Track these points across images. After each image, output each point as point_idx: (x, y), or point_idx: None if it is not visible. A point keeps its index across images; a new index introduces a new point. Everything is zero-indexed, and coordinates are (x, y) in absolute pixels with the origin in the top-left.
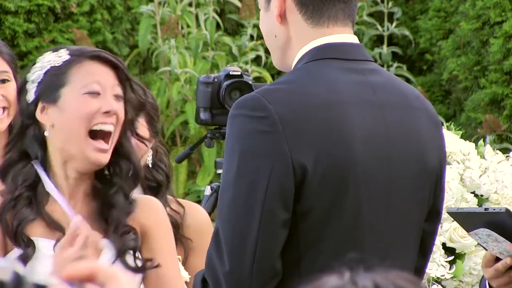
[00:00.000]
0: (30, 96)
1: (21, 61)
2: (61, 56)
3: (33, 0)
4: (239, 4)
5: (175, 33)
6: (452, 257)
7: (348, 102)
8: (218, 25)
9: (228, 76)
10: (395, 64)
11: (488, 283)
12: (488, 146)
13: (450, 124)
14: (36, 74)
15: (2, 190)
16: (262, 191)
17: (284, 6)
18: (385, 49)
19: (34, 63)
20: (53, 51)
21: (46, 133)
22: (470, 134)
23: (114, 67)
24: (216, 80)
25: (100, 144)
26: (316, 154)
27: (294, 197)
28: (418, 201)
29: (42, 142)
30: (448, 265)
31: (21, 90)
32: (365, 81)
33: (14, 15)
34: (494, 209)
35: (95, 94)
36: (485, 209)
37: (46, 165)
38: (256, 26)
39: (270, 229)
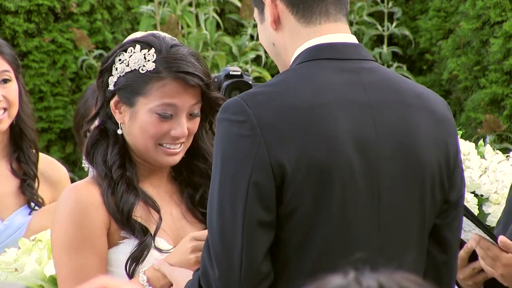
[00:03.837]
0: (111, 83)
1: (21, 61)
2: (148, 61)
3: (33, 0)
4: (239, 4)
5: (175, 33)
6: None
7: (335, 103)
8: (218, 25)
9: (228, 76)
10: (395, 64)
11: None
12: (488, 146)
13: None
14: (121, 66)
15: (95, 176)
16: (243, 196)
17: (276, 11)
18: (385, 49)
19: (125, 48)
20: (142, 48)
21: (118, 131)
22: (470, 134)
23: (199, 85)
24: (216, 80)
25: (171, 148)
26: (297, 156)
27: (277, 199)
28: (415, 199)
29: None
30: None
31: (106, 69)
32: (357, 80)
33: (14, 15)
34: None
35: (166, 116)
36: None
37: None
38: (256, 25)
39: (254, 233)
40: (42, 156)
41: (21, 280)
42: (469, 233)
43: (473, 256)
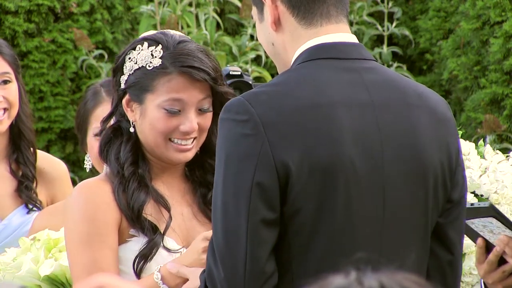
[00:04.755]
0: (122, 81)
1: (21, 61)
2: (155, 57)
3: (33, 0)
4: (239, 4)
5: None
6: None
7: (338, 103)
8: (218, 25)
9: (228, 76)
10: (395, 64)
11: (484, 283)
12: (488, 146)
13: None
14: (130, 64)
15: (108, 173)
16: (246, 195)
17: (276, 12)
18: (385, 49)
19: (134, 47)
20: (150, 45)
21: (131, 129)
22: (470, 134)
23: (205, 79)
24: None
25: (182, 143)
26: (300, 156)
27: (281, 199)
28: (418, 199)
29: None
30: None
31: (118, 68)
32: (359, 80)
33: (14, 15)
34: (479, 204)
35: (174, 112)
36: (471, 204)
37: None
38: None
39: (258, 232)
40: (41, 153)
41: (18, 279)
42: (499, 235)
43: (502, 260)
